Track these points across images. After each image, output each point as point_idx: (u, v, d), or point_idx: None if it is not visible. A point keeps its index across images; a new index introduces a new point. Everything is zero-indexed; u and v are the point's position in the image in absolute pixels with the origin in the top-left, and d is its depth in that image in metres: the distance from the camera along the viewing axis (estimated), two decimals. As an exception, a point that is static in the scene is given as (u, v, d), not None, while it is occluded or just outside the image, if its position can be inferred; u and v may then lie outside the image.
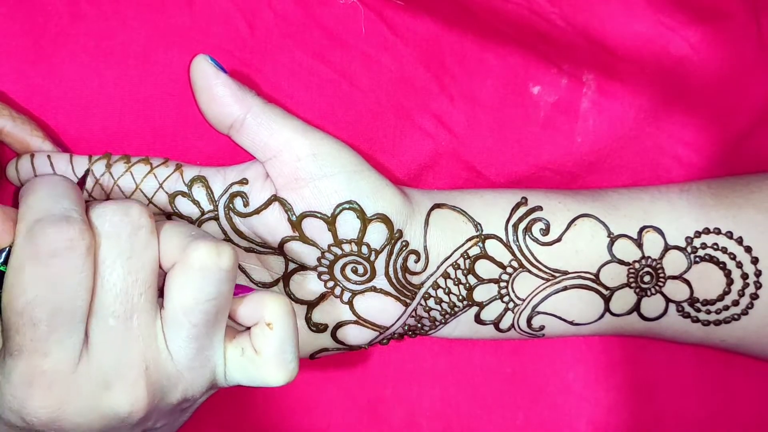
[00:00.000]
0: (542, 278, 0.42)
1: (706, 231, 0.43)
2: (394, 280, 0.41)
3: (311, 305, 0.42)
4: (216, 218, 0.41)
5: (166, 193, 0.41)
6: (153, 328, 0.35)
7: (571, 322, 0.43)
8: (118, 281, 0.34)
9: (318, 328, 0.42)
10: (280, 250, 0.41)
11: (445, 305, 0.42)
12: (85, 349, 0.34)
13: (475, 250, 0.42)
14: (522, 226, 0.42)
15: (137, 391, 0.35)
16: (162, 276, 0.36)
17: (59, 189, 0.35)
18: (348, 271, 0.41)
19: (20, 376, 0.33)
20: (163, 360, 0.36)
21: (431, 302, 0.42)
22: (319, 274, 0.42)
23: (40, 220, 0.33)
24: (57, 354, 0.33)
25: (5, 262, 0.34)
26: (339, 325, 0.42)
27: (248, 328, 0.38)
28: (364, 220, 0.40)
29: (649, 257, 0.42)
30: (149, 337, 0.35)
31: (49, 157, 0.40)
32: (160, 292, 0.36)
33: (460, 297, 0.42)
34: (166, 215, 0.42)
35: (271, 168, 0.40)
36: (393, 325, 0.42)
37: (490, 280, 0.42)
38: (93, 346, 0.34)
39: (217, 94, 0.39)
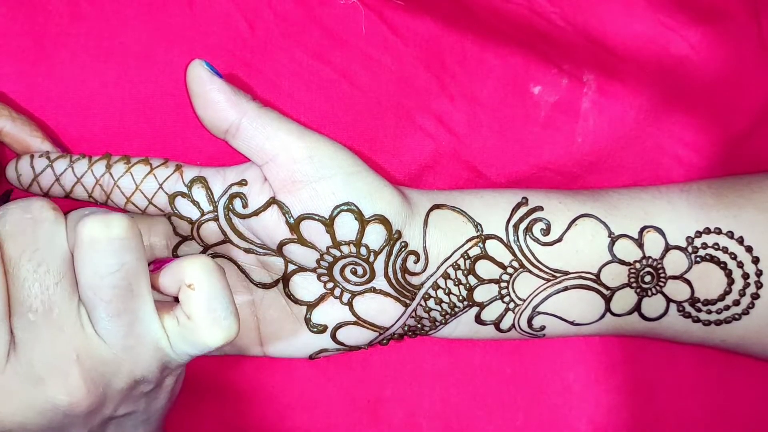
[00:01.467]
0: (543, 278, 0.42)
1: (707, 231, 0.43)
2: (393, 281, 0.41)
3: (311, 306, 0.42)
4: (216, 219, 0.41)
5: (166, 193, 0.41)
6: (76, 317, 0.35)
7: (571, 323, 0.43)
8: (28, 276, 0.34)
9: (318, 328, 0.42)
10: (279, 251, 0.41)
11: (445, 306, 0.42)
12: (12, 348, 0.34)
13: (475, 251, 0.42)
14: (522, 226, 0.42)
15: (71, 380, 0.35)
16: None
17: None
18: (347, 272, 0.41)
19: None
20: (94, 346, 0.36)
21: (431, 303, 0.42)
22: (319, 276, 0.42)
23: None
24: None
25: None
26: (339, 325, 0.42)
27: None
28: (362, 222, 0.40)
29: (650, 257, 0.42)
30: (74, 325, 0.35)
31: (49, 157, 0.40)
32: None
33: (461, 297, 0.42)
34: (166, 215, 0.42)
35: (268, 171, 0.40)
36: (393, 325, 0.42)
37: (490, 281, 0.42)
38: (19, 344, 0.35)
39: (213, 99, 0.39)
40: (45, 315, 0.35)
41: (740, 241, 0.43)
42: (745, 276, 0.43)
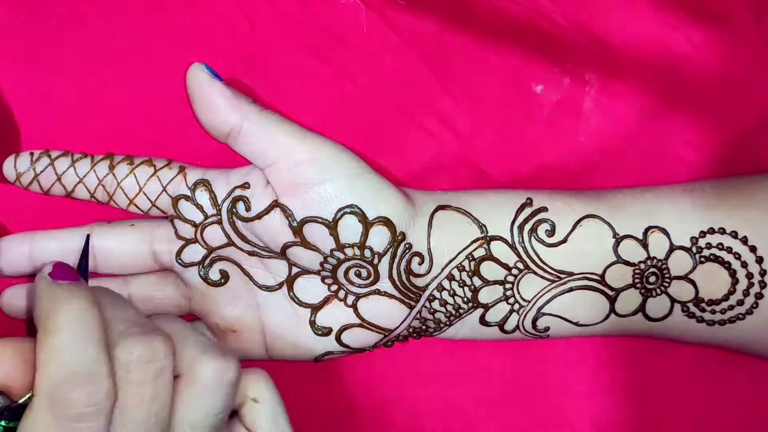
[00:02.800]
0: (548, 280, 0.42)
1: (711, 231, 0.43)
2: (398, 283, 0.41)
3: (315, 308, 0.42)
4: (219, 222, 0.41)
5: (170, 196, 0.40)
6: None
7: (576, 323, 0.43)
8: (138, 426, 0.33)
9: (322, 331, 0.42)
10: (282, 254, 0.41)
11: (449, 307, 0.42)
12: None
13: (480, 252, 0.42)
14: (527, 227, 0.42)
15: None
16: None
17: (82, 327, 0.32)
18: (351, 274, 0.41)
19: None
20: None
21: (436, 304, 0.42)
22: (323, 278, 0.41)
23: (65, 381, 0.31)
24: None
25: (17, 418, 0.32)
26: (343, 328, 0.42)
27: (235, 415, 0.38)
28: (366, 224, 0.40)
29: (654, 257, 0.42)
30: None
31: (49, 155, 0.40)
32: None
33: (465, 299, 0.42)
34: (168, 218, 0.41)
35: (270, 175, 0.40)
36: (397, 327, 0.42)
37: (495, 282, 0.42)
38: None
39: (213, 102, 0.39)
40: None
41: (744, 240, 0.43)
42: (749, 276, 0.43)
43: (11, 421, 0.32)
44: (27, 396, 0.32)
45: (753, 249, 0.43)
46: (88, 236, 0.40)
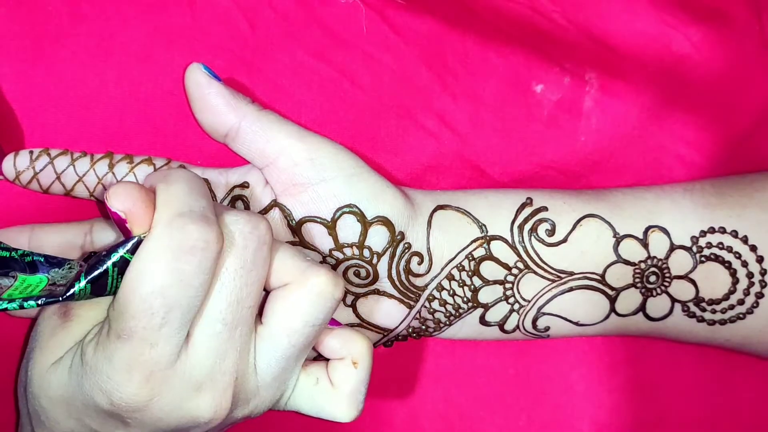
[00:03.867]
0: (548, 279, 0.42)
1: (711, 230, 0.43)
2: (397, 283, 0.41)
3: (314, 308, 0.42)
4: (218, 221, 0.41)
5: (169, 195, 0.40)
6: (250, 342, 0.36)
7: (576, 323, 0.43)
8: (234, 290, 0.34)
9: (322, 331, 0.42)
10: None
11: (449, 307, 0.42)
12: (185, 347, 0.34)
13: (480, 252, 0.42)
14: (527, 227, 0.42)
15: (224, 400, 0.35)
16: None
17: (199, 187, 0.35)
18: (350, 274, 0.41)
19: (122, 360, 0.34)
20: (249, 374, 0.36)
21: (435, 304, 0.42)
22: (322, 278, 0.42)
23: (183, 215, 0.33)
24: (163, 347, 0.34)
25: (134, 252, 0.34)
26: (343, 327, 0.42)
27: (323, 358, 0.39)
28: (365, 224, 0.40)
29: (654, 257, 0.42)
30: (245, 350, 0.36)
31: (49, 154, 0.40)
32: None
33: (465, 299, 0.42)
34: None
35: (269, 174, 0.40)
36: (397, 327, 0.42)
37: (495, 282, 0.42)
38: (195, 346, 0.34)
39: (211, 103, 0.39)
40: (230, 330, 0.35)
41: (744, 240, 0.43)
42: (750, 275, 0.43)
43: (130, 254, 0.34)
44: (144, 233, 0.34)
45: (753, 248, 0.43)
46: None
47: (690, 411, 0.48)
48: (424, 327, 0.43)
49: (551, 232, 0.42)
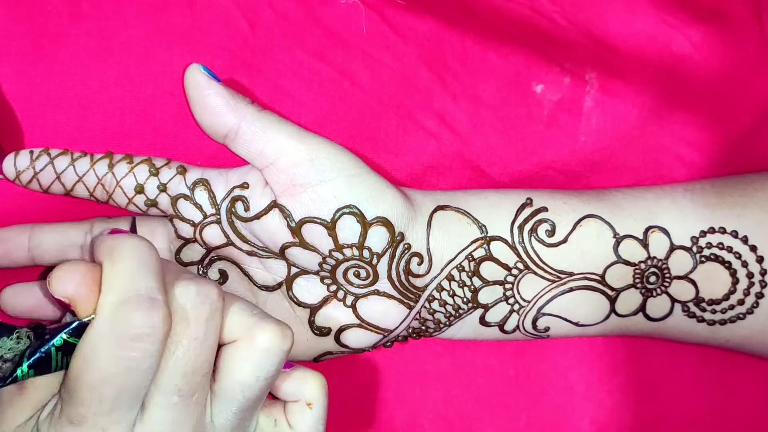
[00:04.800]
0: (548, 280, 0.42)
1: (711, 230, 0.43)
2: (397, 283, 0.41)
3: (314, 309, 0.42)
4: (218, 222, 0.40)
5: (168, 195, 0.40)
6: (206, 404, 0.36)
7: (576, 324, 0.43)
8: (189, 362, 0.34)
9: (321, 331, 0.42)
10: (281, 254, 0.41)
11: (449, 308, 0.42)
12: (140, 418, 0.34)
13: (480, 252, 0.41)
14: (527, 227, 0.42)
15: None
16: None
17: (145, 261, 0.34)
18: (350, 275, 0.41)
19: None
20: None
21: (435, 305, 0.42)
22: (322, 278, 0.41)
23: (126, 302, 0.33)
24: (114, 429, 0.34)
25: (77, 335, 0.34)
26: (342, 328, 0.42)
27: (278, 399, 0.39)
28: (365, 224, 0.40)
29: (654, 257, 0.42)
30: (201, 413, 0.36)
31: (49, 154, 0.40)
32: None
33: (465, 299, 0.42)
34: (167, 217, 0.41)
35: (268, 175, 0.40)
36: (397, 328, 0.42)
37: (495, 282, 0.42)
38: (150, 420, 0.34)
39: (211, 103, 0.39)
40: (186, 400, 0.35)
41: (744, 240, 0.43)
42: (750, 275, 0.43)
43: (73, 337, 0.34)
44: (90, 316, 0.34)
45: (753, 248, 0.43)
46: (134, 218, 0.41)
47: (690, 411, 0.48)
48: (423, 327, 0.43)
49: (551, 233, 0.42)
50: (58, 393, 0.35)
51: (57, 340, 0.34)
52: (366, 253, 0.40)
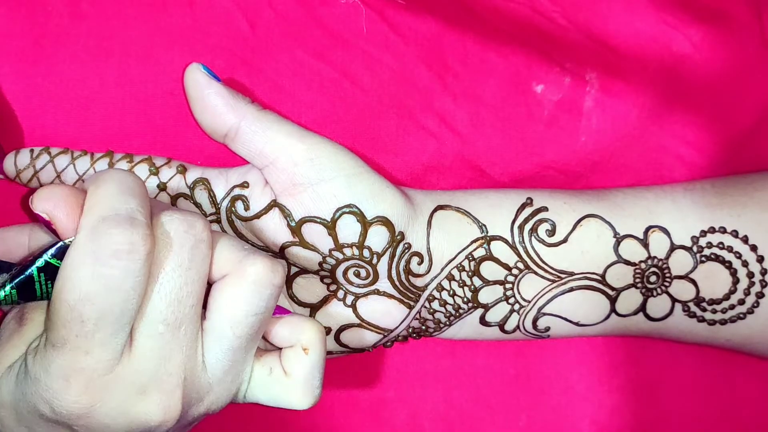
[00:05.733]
0: (548, 280, 0.42)
1: (712, 230, 0.43)
2: (397, 283, 0.41)
3: (314, 308, 0.42)
4: (218, 221, 0.40)
5: (168, 194, 0.40)
6: (196, 340, 0.35)
7: (576, 323, 0.43)
8: (173, 290, 0.34)
9: (321, 331, 0.42)
10: (281, 254, 0.41)
11: (449, 307, 0.42)
12: (128, 350, 0.34)
13: (480, 252, 0.41)
14: (528, 227, 0.42)
15: (173, 401, 0.35)
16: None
17: (128, 185, 0.34)
18: (350, 274, 0.41)
19: (59, 369, 0.33)
20: (198, 371, 0.36)
21: (435, 304, 0.42)
22: (322, 278, 0.41)
23: (106, 219, 0.33)
24: (99, 353, 0.33)
25: (60, 257, 0.34)
26: (342, 328, 0.42)
27: (276, 347, 0.39)
28: (365, 224, 0.40)
29: (655, 257, 0.42)
30: (191, 348, 0.35)
31: (49, 152, 0.40)
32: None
33: (465, 299, 0.42)
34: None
35: (268, 175, 0.40)
36: (397, 327, 0.42)
37: (495, 282, 0.42)
38: (137, 349, 0.34)
39: (210, 103, 0.39)
40: (173, 331, 0.34)
41: (745, 239, 0.43)
42: (750, 275, 0.43)
43: (56, 259, 0.34)
44: (71, 238, 0.34)
45: (754, 248, 0.43)
46: None
47: (690, 411, 0.48)
48: (424, 327, 0.43)
49: (551, 233, 0.42)
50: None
51: (39, 262, 0.34)
52: (366, 253, 0.40)
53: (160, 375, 0.34)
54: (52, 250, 0.34)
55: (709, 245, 0.42)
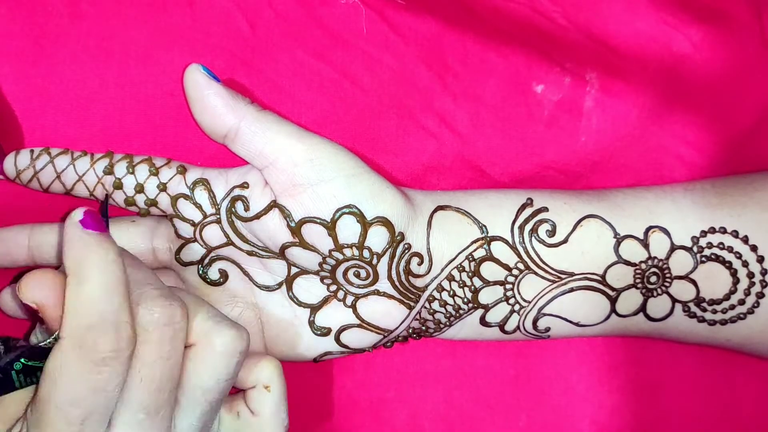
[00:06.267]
0: (548, 280, 0.42)
1: (712, 230, 0.43)
2: (397, 283, 0.41)
3: (314, 309, 0.42)
4: (218, 221, 0.40)
5: (168, 195, 0.40)
6: (171, 417, 0.36)
7: (577, 324, 0.43)
8: (154, 380, 0.35)
9: (321, 331, 0.42)
10: (281, 254, 0.41)
11: (449, 308, 0.42)
12: None
13: (480, 252, 0.41)
14: (528, 227, 0.42)
15: None
16: None
17: (111, 280, 0.34)
18: (350, 275, 0.41)
19: None
20: None
21: (435, 305, 0.42)
22: (322, 278, 0.41)
23: (92, 328, 0.33)
24: None
25: (36, 357, 0.34)
26: (342, 328, 0.42)
27: (239, 390, 0.40)
28: (365, 224, 0.40)
29: (655, 257, 0.42)
30: (168, 427, 0.36)
31: (49, 153, 0.40)
32: None
33: (465, 299, 0.42)
34: (167, 217, 0.41)
35: (268, 175, 0.40)
36: (397, 328, 0.42)
37: (495, 282, 0.42)
38: None
39: (210, 104, 0.39)
40: (152, 417, 0.35)
41: (745, 240, 0.43)
42: (750, 275, 0.43)
43: (33, 360, 0.35)
44: (52, 338, 0.34)
45: (754, 248, 0.43)
46: (107, 195, 0.40)
47: (690, 411, 0.48)
48: (424, 328, 0.43)
49: (552, 233, 0.42)
50: (24, 414, 0.35)
51: (17, 365, 0.35)
52: (366, 253, 0.40)
53: None
54: (27, 354, 0.35)
55: (710, 245, 0.42)
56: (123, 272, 0.34)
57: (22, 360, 0.35)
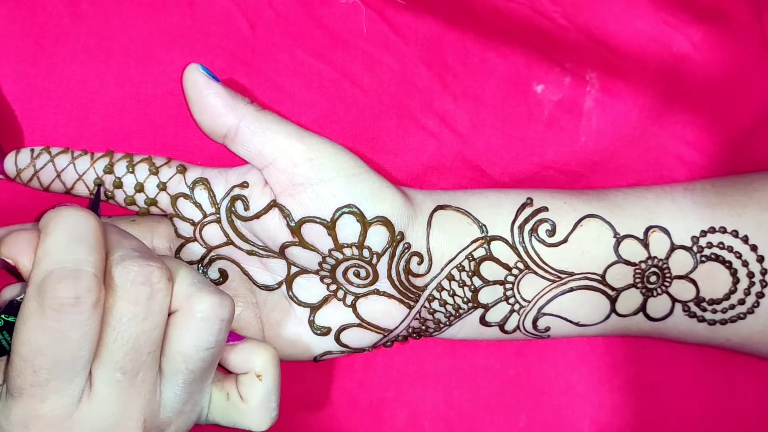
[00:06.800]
0: (548, 280, 0.42)
1: (712, 230, 0.43)
2: (397, 283, 0.41)
3: (314, 308, 0.42)
4: (218, 221, 0.40)
5: (168, 194, 0.40)
6: (155, 383, 0.36)
7: (576, 324, 0.43)
8: (130, 339, 0.35)
9: (321, 331, 0.42)
10: (281, 254, 0.41)
11: (449, 307, 0.42)
12: (87, 394, 0.35)
13: (480, 252, 0.41)
14: (528, 227, 0.42)
15: None
16: None
17: (76, 231, 0.35)
18: (350, 274, 0.41)
19: (18, 417, 0.34)
20: (158, 410, 0.37)
21: (435, 304, 0.42)
22: (322, 278, 0.41)
23: (51, 273, 0.33)
24: (55, 400, 0.34)
25: (14, 313, 0.35)
26: (342, 328, 0.42)
27: (232, 373, 0.40)
28: (365, 224, 0.40)
29: (655, 257, 0.42)
30: (151, 391, 0.36)
31: (50, 152, 0.40)
32: None
33: (465, 299, 0.42)
34: (167, 216, 0.41)
35: (268, 175, 0.40)
36: (397, 327, 0.42)
37: (495, 282, 0.42)
38: (96, 395, 0.35)
39: (210, 104, 0.39)
40: (131, 378, 0.35)
41: (745, 239, 0.43)
42: (750, 275, 0.43)
43: (13, 316, 0.35)
44: (22, 295, 0.35)
45: (754, 248, 0.43)
46: (99, 186, 0.40)
47: (690, 411, 0.48)
48: (424, 327, 0.43)
49: (552, 233, 0.42)
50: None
51: None
52: (366, 253, 0.40)
53: (120, 420, 0.35)
54: (4, 309, 0.35)
55: (710, 245, 0.42)
56: (93, 228, 0.35)
57: (2, 316, 0.35)
